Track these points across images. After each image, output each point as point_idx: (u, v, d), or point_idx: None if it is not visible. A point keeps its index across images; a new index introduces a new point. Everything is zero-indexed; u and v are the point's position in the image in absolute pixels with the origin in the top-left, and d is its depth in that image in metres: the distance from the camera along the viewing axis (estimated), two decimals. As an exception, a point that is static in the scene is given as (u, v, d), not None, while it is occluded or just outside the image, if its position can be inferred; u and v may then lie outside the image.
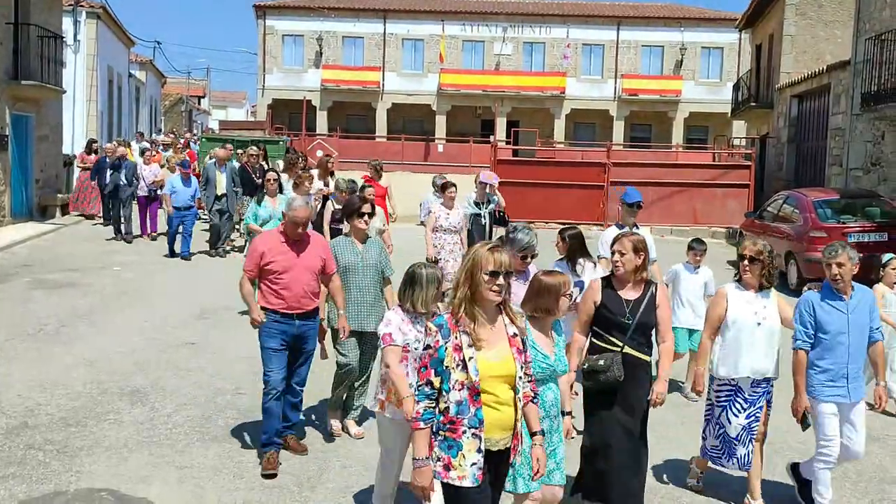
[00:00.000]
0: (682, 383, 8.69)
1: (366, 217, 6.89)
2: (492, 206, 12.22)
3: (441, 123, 45.82)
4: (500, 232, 10.31)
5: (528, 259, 6.33)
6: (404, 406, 5.01)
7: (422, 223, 13.51)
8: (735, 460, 5.91)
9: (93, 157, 21.15)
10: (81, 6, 28.51)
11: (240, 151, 18.97)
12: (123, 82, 36.01)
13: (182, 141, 30.00)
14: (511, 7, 47.67)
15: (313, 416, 7.54)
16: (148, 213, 18.65)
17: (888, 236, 14.47)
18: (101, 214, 20.70)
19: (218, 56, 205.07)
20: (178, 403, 7.78)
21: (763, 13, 29.86)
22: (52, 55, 21.10)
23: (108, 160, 18.61)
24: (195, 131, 51.04)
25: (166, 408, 7.65)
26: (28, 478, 6.06)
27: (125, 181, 18.01)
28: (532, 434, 4.32)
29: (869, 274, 8.17)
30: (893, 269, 8.32)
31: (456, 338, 3.95)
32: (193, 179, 16.62)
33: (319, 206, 12.40)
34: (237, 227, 17.07)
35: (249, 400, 7.93)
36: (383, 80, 46.08)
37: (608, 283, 5.63)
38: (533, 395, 4.33)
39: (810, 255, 14.49)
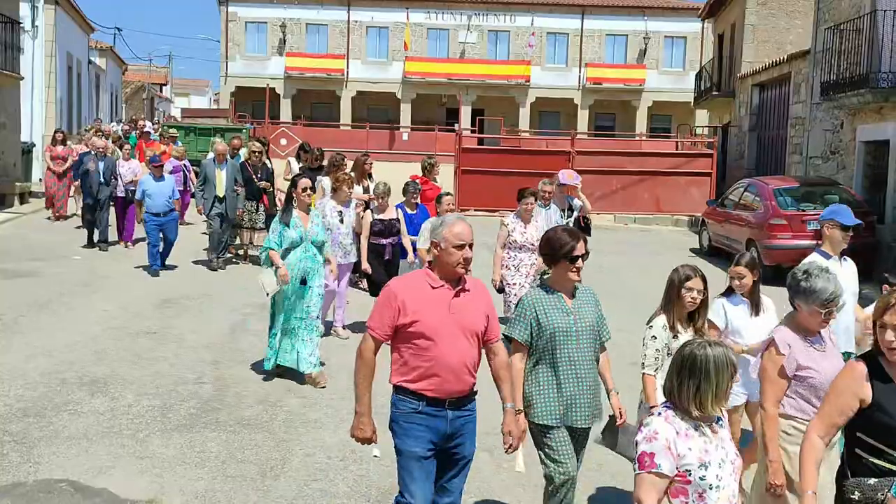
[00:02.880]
0: None
1: (579, 262, 4.70)
2: (575, 213, 10.59)
3: (406, 111, 45.72)
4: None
5: (833, 316, 4.55)
6: None
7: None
8: None
9: (60, 149, 19.06)
10: (39, -9, 27.99)
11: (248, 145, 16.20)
12: (83, 69, 35.45)
13: (135, 129, 28.37)
14: (476, -5, 47.69)
15: (275, 390, 7.51)
16: (126, 217, 16.05)
17: (847, 223, 14.66)
18: (78, 214, 17.97)
19: (180, 43, 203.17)
20: (139, 393, 7.71)
21: (725, 3, 30.09)
22: (9, 41, 20.71)
23: (92, 155, 15.74)
24: (157, 119, 50.43)
25: (126, 398, 7.58)
26: (-15, 469, 5.97)
27: (103, 180, 15.47)
28: None
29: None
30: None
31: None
32: (169, 177, 14.06)
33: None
34: (248, 231, 14.46)
35: (211, 389, 7.89)
36: (347, 67, 45.86)
37: (875, 366, 3.84)
38: None
39: (771, 243, 14.70)
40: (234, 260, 14.49)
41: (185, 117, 37.92)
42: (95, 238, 15.51)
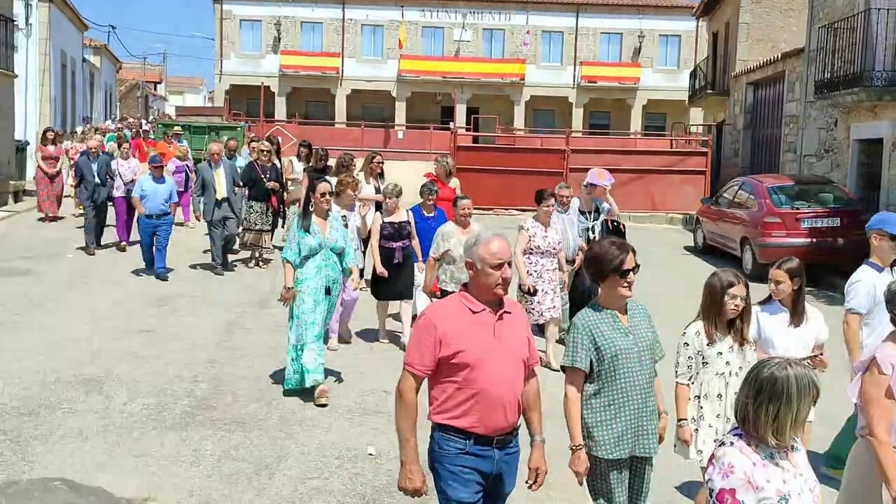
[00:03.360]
0: None
1: (630, 276, 4.34)
2: (602, 215, 9.96)
3: (401, 110, 45.66)
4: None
5: None
6: None
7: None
8: None
9: (52, 149, 18.32)
10: (33, -11, 27.91)
11: (254, 144, 16.06)
12: (77, 67, 35.37)
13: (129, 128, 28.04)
14: (470, -7, 47.66)
15: (270, 388, 7.51)
16: (126, 219, 15.22)
17: (840, 221, 14.73)
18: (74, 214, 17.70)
19: (175, 41, 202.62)
20: (134, 392, 7.70)
21: (720, 1, 30.11)
22: (2, 39, 20.67)
23: (86, 157, 15.03)
24: (152, 117, 50.35)
25: (121, 396, 7.57)
26: (-21, 468, 5.97)
27: (99, 180, 14.79)
28: None
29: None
30: None
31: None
32: (169, 179, 13.49)
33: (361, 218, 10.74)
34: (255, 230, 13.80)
35: (207, 387, 7.89)
36: (342, 66, 45.79)
37: None
38: None
39: (765, 241, 14.72)
40: (236, 265, 13.88)
41: (180, 115, 37.75)
42: (89, 241, 14.70)
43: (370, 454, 6.39)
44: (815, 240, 14.53)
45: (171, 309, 11.01)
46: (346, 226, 8.71)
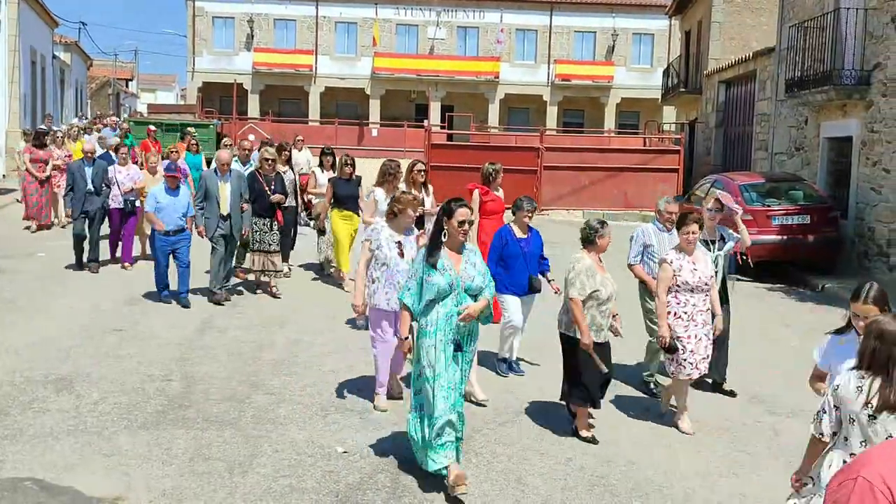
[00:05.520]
0: None
1: None
2: (729, 244, 8.24)
3: (375, 107, 45.62)
4: (742, 288, 7.09)
5: None
6: None
7: (630, 267, 8.52)
8: None
9: (43, 152, 16.82)
10: (2, -15, 27.60)
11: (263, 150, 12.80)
12: (47, 64, 35.03)
13: (104, 127, 27.28)
14: (445, -9, 47.69)
15: (243, 386, 7.48)
16: (123, 233, 13.54)
17: (811, 219, 14.89)
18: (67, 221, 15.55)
19: (146, 38, 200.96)
20: (106, 391, 7.64)
21: (692, 0, 30.34)
22: (-29, 35, 20.41)
23: (80, 162, 13.26)
24: (122, 114, 49.91)
25: (93, 395, 7.51)
26: (-52, 469, 5.90)
27: (93, 188, 12.94)
28: None
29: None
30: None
31: None
32: (185, 191, 11.39)
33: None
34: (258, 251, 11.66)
35: (178, 386, 7.84)
36: (316, 63, 45.68)
37: None
38: None
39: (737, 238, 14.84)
40: (241, 289, 11.97)
41: (152, 113, 37.48)
42: (85, 257, 13.09)
43: (344, 452, 6.38)
44: (785, 237, 14.69)
45: (143, 308, 10.92)
46: (401, 254, 7.32)
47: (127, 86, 70.08)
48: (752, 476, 6.39)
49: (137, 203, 13.26)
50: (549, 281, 8.40)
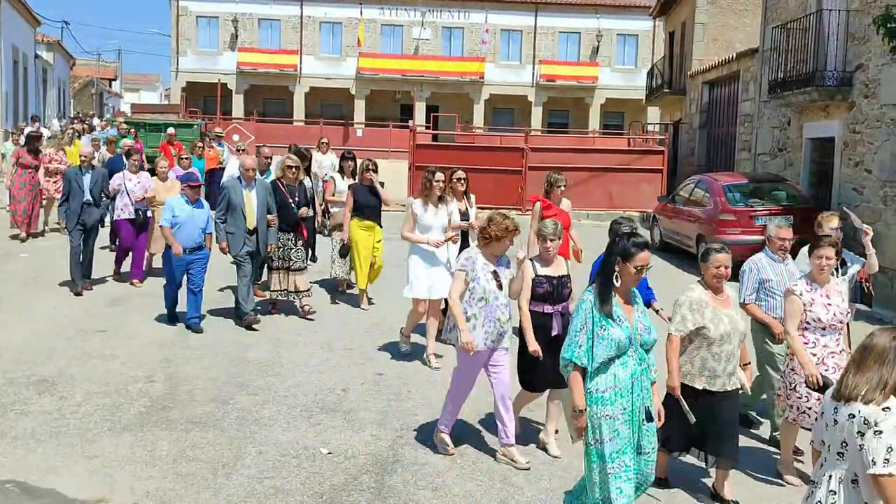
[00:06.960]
0: None
1: None
2: (852, 269, 7.22)
3: (360, 108, 45.53)
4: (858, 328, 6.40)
5: None
6: None
7: (743, 306, 6.82)
8: None
9: (31, 157, 15.68)
10: (-17, -17, 27.44)
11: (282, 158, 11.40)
12: (29, 63, 34.84)
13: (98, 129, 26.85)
14: (429, -9, 47.64)
15: (227, 388, 7.45)
16: (134, 246, 12.27)
17: (794, 219, 14.95)
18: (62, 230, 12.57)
19: (130, 37, 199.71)
20: (88, 392, 7.60)
21: (676, 1, 30.44)
22: (-48, 34, 20.26)
23: (77, 169, 11.72)
24: (106, 115, 49.64)
25: (75, 397, 7.47)
26: (-72, 471, 5.85)
27: (91, 198, 11.55)
28: None
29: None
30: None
31: None
32: (205, 204, 10.13)
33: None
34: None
35: (162, 387, 7.80)
36: (301, 63, 45.54)
37: None
38: None
39: (720, 238, 14.90)
40: (260, 310, 10.52)
41: (136, 113, 37.21)
42: (75, 276, 11.62)
43: (329, 453, 6.37)
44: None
45: (126, 308, 10.86)
46: (499, 286, 6.30)
47: (110, 85, 69.74)
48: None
49: (149, 213, 12.09)
50: (656, 311, 7.26)
